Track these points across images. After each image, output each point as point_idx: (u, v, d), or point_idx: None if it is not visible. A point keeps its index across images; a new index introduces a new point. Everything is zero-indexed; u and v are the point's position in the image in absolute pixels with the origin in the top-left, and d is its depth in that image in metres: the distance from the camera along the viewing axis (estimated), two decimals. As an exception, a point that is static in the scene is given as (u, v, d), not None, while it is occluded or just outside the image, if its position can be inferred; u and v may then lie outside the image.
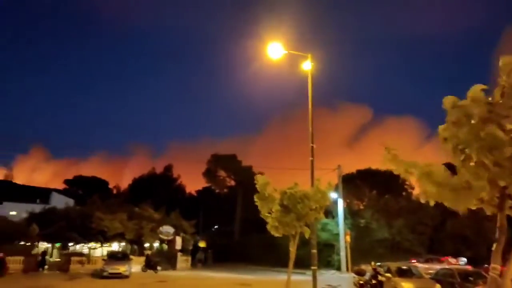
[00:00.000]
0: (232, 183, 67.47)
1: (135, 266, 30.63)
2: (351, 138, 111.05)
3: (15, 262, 30.66)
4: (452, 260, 30.39)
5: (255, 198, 11.37)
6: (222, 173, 67.37)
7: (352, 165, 62.13)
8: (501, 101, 4.60)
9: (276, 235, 11.46)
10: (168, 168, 73.41)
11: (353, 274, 19.82)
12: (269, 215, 11.31)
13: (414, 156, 6.58)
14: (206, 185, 68.96)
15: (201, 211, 57.60)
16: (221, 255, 50.40)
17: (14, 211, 46.04)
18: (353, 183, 44.64)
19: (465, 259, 31.41)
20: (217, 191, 68.80)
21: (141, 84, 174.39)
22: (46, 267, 31.68)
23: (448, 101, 4.92)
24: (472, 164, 4.71)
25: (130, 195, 58.12)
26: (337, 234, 36.11)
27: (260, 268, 40.05)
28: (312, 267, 13.91)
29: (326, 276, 29.32)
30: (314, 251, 14.10)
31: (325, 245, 36.82)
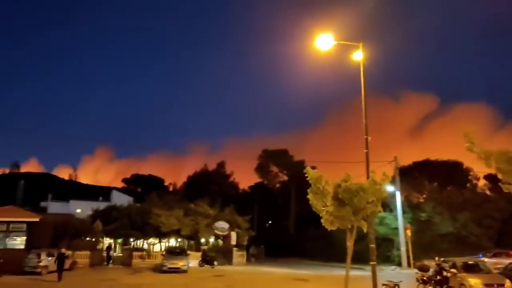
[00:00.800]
0: (285, 178, 67.26)
1: (192, 261, 31.28)
2: (414, 129, 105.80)
3: (82, 257, 32.45)
4: None
5: (308, 192, 11.05)
6: (274, 168, 67.38)
7: (414, 157, 59.27)
8: None
9: (331, 229, 11.09)
10: (221, 165, 74.40)
11: (415, 270, 18.96)
12: (323, 209, 10.95)
13: (487, 147, 6.04)
14: (258, 180, 69.31)
15: (255, 206, 57.85)
16: (274, 250, 50.40)
17: (79, 209, 48.70)
18: (411, 176, 42.81)
19: None
20: (269, 186, 68.84)
21: (196, 83, 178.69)
22: (111, 261, 33.15)
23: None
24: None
25: (186, 192, 59.53)
26: (396, 228, 34.77)
27: (316, 263, 39.58)
28: (371, 263, 13.36)
29: (386, 272, 28.34)
30: (373, 245, 13.53)
31: (384, 240, 35.63)
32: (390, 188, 31.03)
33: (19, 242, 30.85)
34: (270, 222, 67.85)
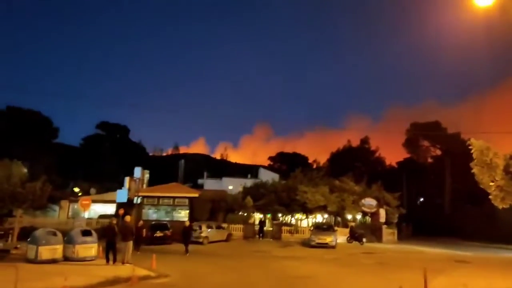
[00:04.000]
0: (438, 152, 62.35)
1: (340, 237, 31.31)
2: None
3: (236, 230, 35.23)
4: None
5: (472, 166, 9.92)
6: (424, 143, 62.96)
7: None
8: None
9: (502, 206, 9.82)
10: (365, 141, 72.37)
11: None
12: (491, 184, 9.74)
13: None
14: (407, 156, 65.56)
15: (404, 183, 54.95)
16: (426, 228, 47.30)
17: (231, 186, 52.64)
18: None
19: None
20: (420, 161, 64.55)
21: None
22: (262, 235, 35.23)
23: None
24: None
25: (329, 169, 59.64)
26: None
27: (476, 244, 35.99)
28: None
29: None
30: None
31: None
32: None
33: (183, 215, 34.98)
34: (421, 199, 63.89)
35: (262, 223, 36.77)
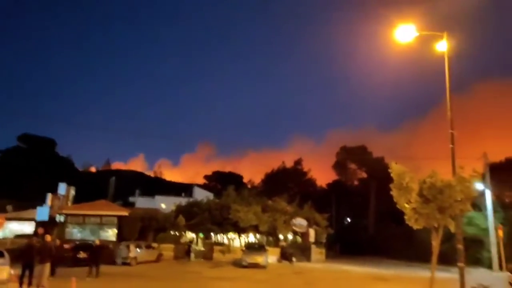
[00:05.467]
0: (363, 175, 65.60)
1: (271, 257, 31.74)
2: (506, 121, 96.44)
3: (167, 249, 34.40)
4: None
5: (392, 188, 10.73)
6: (352, 166, 66.01)
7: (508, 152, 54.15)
8: None
9: (416, 227, 10.69)
10: (298, 162, 74.45)
11: (507, 273, 17.58)
12: (407, 206, 10.59)
13: None
14: (336, 178, 68.36)
15: (333, 204, 57.13)
16: (352, 248, 49.39)
17: (164, 204, 51.53)
18: (503, 173, 39.55)
19: None
20: (347, 183, 67.57)
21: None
22: (192, 255, 34.60)
23: None
24: None
25: (263, 189, 60.42)
26: (486, 229, 32.34)
27: (396, 263, 38.21)
28: (459, 264, 12.67)
29: (475, 274, 26.52)
30: (460, 246, 12.80)
31: (472, 241, 33.32)
32: (479, 186, 29.00)
33: (111, 234, 33.62)
34: (348, 219, 66.61)
35: (190, 243, 36.21)
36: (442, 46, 14.86)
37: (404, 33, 14.91)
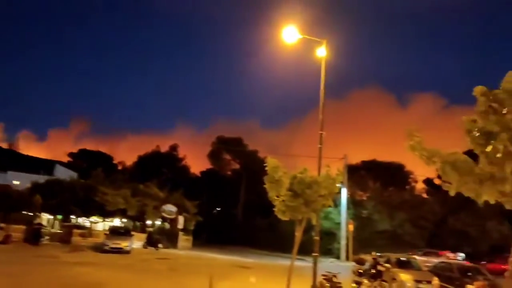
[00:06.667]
0: (237, 166, 67.58)
1: (136, 242, 30.87)
2: (370, 126, 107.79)
3: (18, 231, 30.90)
4: (450, 255, 30.58)
5: (265, 181, 11.26)
6: (227, 156, 67.49)
7: (366, 155, 60.84)
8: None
9: (283, 219, 11.40)
10: (174, 148, 73.40)
11: (353, 263, 19.84)
12: (277, 198, 11.23)
13: (438, 141, 6.40)
14: (210, 167, 69.22)
15: (205, 192, 57.77)
16: (220, 237, 50.73)
17: (18, 181, 46.34)
18: (358, 174, 44.56)
19: (463, 255, 31.63)
20: (221, 173, 68.93)
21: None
22: (42, 239, 31.13)
23: (478, 90, 4.77)
24: (498, 155, 4.57)
25: (135, 173, 58.32)
26: (339, 223, 36.16)
27: (261, 252, 40.34)
28: (314, 254, 13.89)
29: (325, 264, 29.42)
30: (317, 238, 14.05)
31: (326, 234, 36.97)
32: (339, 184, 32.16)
33: None
34: (218, 209, 68.04)
35: (39, 225, 32.65)
36: (322, 52, 16.00)
37: (289, 34, 15.72)
